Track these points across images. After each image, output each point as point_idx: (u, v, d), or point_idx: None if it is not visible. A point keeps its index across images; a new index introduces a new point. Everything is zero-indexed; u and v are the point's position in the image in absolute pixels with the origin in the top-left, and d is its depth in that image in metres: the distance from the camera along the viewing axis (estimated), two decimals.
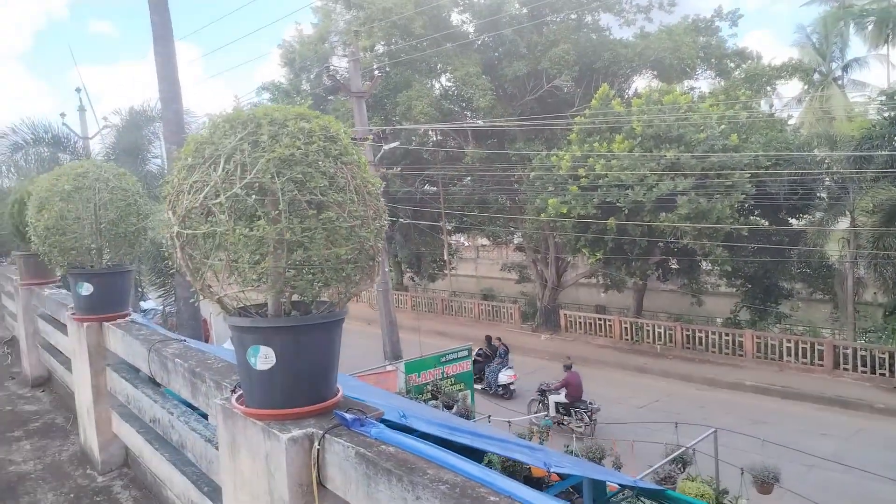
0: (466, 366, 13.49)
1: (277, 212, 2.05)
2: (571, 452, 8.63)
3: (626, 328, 24.32)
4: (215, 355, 3.33)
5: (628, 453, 11.04)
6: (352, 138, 2.39)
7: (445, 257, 31.30)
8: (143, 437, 3.95)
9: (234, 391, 2.72)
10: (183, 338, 3.83)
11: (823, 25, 45.12)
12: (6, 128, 15.38)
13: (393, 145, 17.88)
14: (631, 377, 21.23)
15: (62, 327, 5.67)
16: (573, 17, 25.14)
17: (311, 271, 2.13)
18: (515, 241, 33.01)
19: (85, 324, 4.42)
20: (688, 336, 22.54)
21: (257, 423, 2.28)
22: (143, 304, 18.96)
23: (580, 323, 25.89)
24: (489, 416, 11.41)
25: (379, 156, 15.49)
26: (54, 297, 5.88)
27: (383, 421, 2.32)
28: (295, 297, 2.29)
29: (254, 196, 2.06)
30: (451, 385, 12.55)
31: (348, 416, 2.18)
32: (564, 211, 21.24)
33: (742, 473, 9.08)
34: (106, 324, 4.40)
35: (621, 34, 25.73)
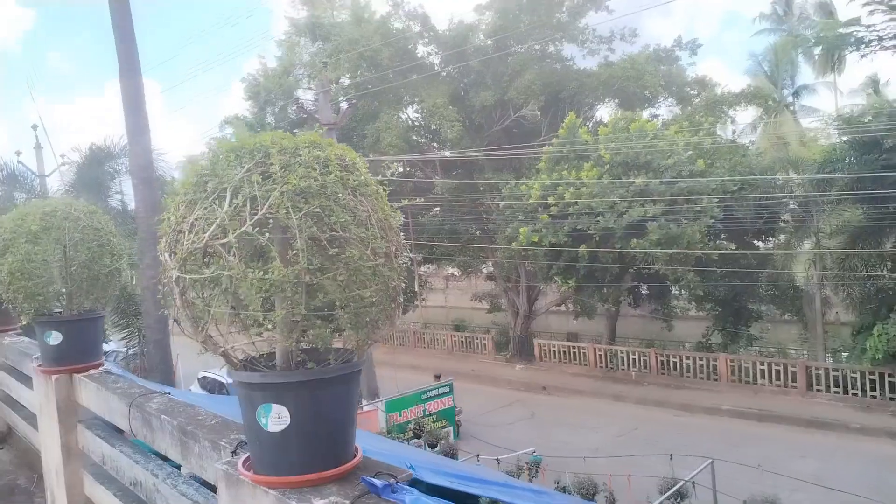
0: (448, 402, 13.15)
1: (294, 251, 1.80)
2: (563, 489, 8.35)
3: (600, 355, 24.25)
4: (205, 410, 3.02)
5: (623, 488, 10.77)
6: None
7: (416, 289, 30.97)
8: (121, 501, 3.58)
9: (234, 452, 2.42)
10: (167, 389, 3.50)
11: (775, 54, 46.81)
12: None
13: None
14: (607, 405, 21.09)
15: (25, 379, 5.24)
16: (537, 47, 25.46)
17: (332, 318, 1.89)
18: (485, 271, 32.92)
19: (53, 376, 4.04)
20: (662, 361, 22.57)
21: (270, 492, 1.99)
22: (105, 346, 18.17)
23: (554, 352, 25.76)
24: (478, 455, 11.06)
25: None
26: (16, 345, 5.45)
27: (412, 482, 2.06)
28: (303, 345, 2.03)
29: (267, 234, 1.81)
30: (434, 422, 12.20)
31: (377, 481, 1.91)
32: (536, 239, 21.21)
33: None
34: (77, 376, 4.03)
35: (585, 64, 26.07)
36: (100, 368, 4.12)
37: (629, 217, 19.12)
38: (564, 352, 25.42)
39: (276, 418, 1.96)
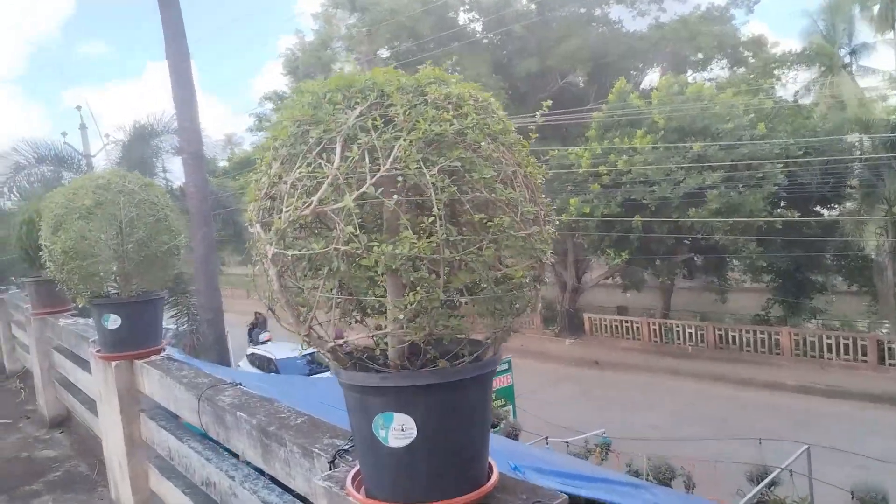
0: (507, 380, 12.72)
1: (431, 218, 1.36)
2: (636, 473, 7.90)
3: (654, 329, 23.55)
4: (287, 406, 2.64)
5: (701, 473, 10.13)
6: None
7: None
8: (192, 500, 3.26)
9: (333, 463, 2.03)
10: (236, 381, 3.14)
11: (830, 12, 44.49)
12: (8, 148, 14.80)
13: None
14: (663, 381, 20.45)
15: (82, 363, 5.00)
16: (582, 10, 24.47)
17: (475, 302, 1.45)
18: None
19: (113, 363, 3.73)
20: (720, 335, 21.77)
21: None
22: None
23: (605, 326, 25.12)
24: (546, 438, 10.61)
25: None
26: (72, 328, 5.20)
27: None
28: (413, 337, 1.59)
29: (395, 196, 1.37)
30: (494, 401, 11.80)
31: None
32: (587, 210, 20.54)
33: (853, 497, 8.17)
34: (138, 362, 3.72)
35: (634, 26, 24.97)
36: (161, 354, 3.80)
37: (686, 185, 18.29)
38: (616, 326, 24.75)
39: (400, 431, 1.54)
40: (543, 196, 1.65)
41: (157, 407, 3.71)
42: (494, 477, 1.70)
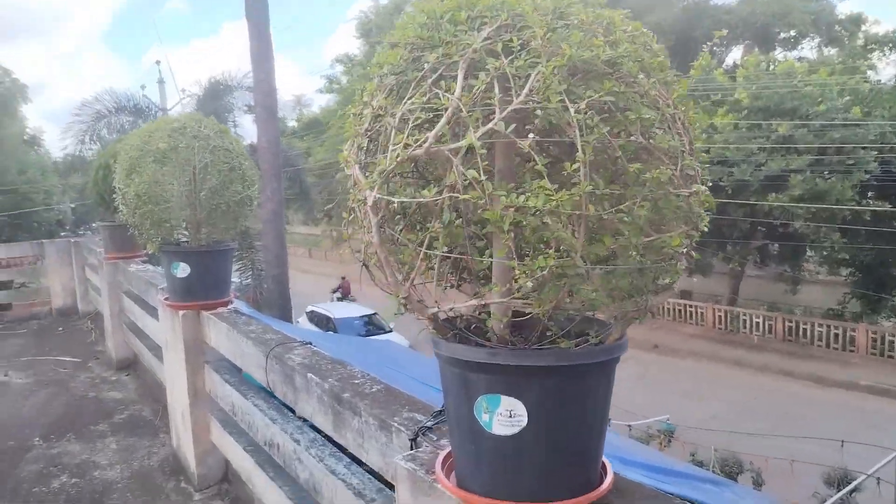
0: None
1: (575, 165, 1.10)
2: (700, 464, 7.54)
3: (719, 316, 22.70)
4: (361, 371, 2.45)
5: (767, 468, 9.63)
6: None
7: None
8: (253, 458, 3.15)
9: (415, 441, 1.82)
10: (306, 340, 2.98)
11: None
12: (90, 97, 15.19)
13: None
14: (726, 370, 19.73)
15: (151, 310, 4.98)
16: None
17: (616, 274, 1.19)
18: None
19: (180, 311, 3.64)
20: (790, 328, 20.80)
21: None
22: None
23: (668, 309, 24.35)
24: (609, 419, 10.27)
25: None
26: (142, 274, 5.19)
27: None
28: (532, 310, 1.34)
29: (531, 135, 1.12)
30: None
31: None
32: None
33: None
34: (205, 313, 3.61)
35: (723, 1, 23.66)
36: (229, 307, 3.69)
37: (769, 168, 17.32)
38: (679, 310, 23.97)
39: (507, 417, 1.31)
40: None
41: (221, 359, 3.61)
42: (609, 479, 1.45)
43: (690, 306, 23.86)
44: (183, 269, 3.58)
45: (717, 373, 19.60)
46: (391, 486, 1.93)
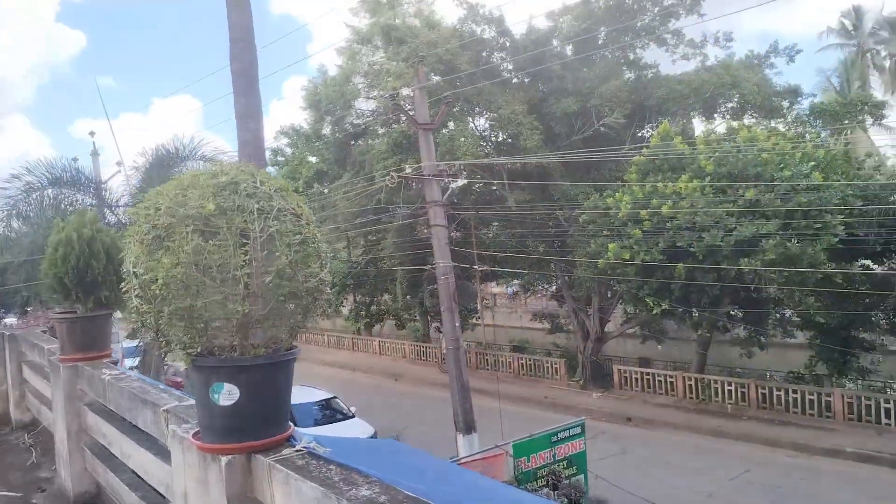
0: (580, 445, 11.28)
1: None
2: None
3: (689, 385, 22.13)
4: None
5: None
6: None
7: (479, 306, 29.24)
8: None
9: None
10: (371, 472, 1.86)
11: (845, 69, 44.63)
12: (20, 168, 13.59)
13: (459, 182, 16.10)
14: (706, 442, 18.99)
15: (138, 435, 3.68)
16: (619, 53, 23.77)
17: None
18: (552, 289, 31.06)
19: (223, 458, 2.43)
20: (763, 394, 20.39)
21: None
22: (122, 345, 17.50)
23: (636, 379, 23.70)
24: None
25: (447, 194, 13.68)
26: (126, 385, 3.87)
27: None
28: None
29: None
30: (564, 468, 10.42)
31: None
32: (627, 256, 19.36)
33: None
34: (263, 459, 2.41)
35: (672, 70, 24.22)
36: (296, 446, 2.50)
37: (740, 233, 17.16)
38: (648, 379, 23.32)
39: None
40: None
41: None
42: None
43: (659, 376, 23.28)
44: (228, 394, 2.40)
45: (698, 444, 18.84)
46: None
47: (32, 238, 13.50)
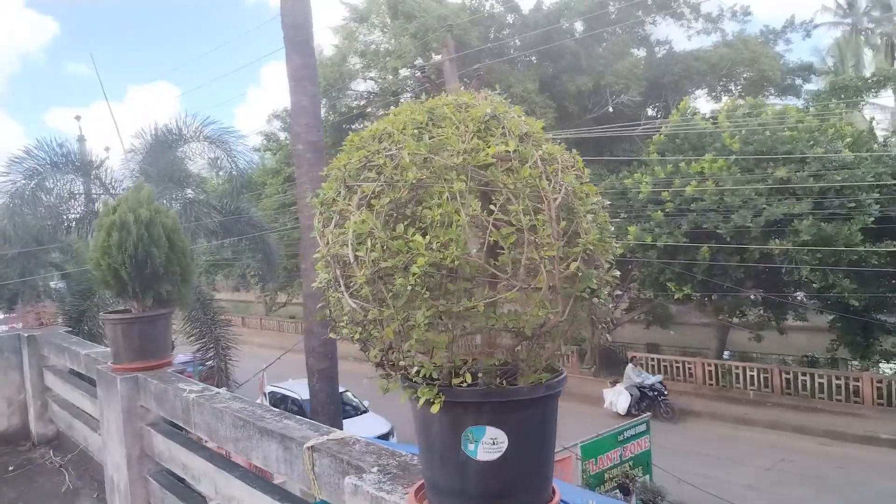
0: (645, 443, 10.57)
1: None
2: None
3: (709, 371, 21.55)
4: None
5: None
6: None
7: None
8: None
9: None
10: None
11: (839, 48, 44.30)
12: (20, 152, 12.49)
13: None
14: (734, 430, 18.41)
15: (238, 471, 2.82)
16: (634, 29, 22.95)
17: None
18: None
19: None
20: (787, 380, 19.85)
21: None
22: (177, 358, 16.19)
23: (652, 366, 23.07)
24: None
25: None
26: (223, 406, 2.99)
27: None
28: None
29: None
30: (631, 469, 9.71)
31: None
32: (649, 239, 18.64)
33: None
34: None
35: (686, 46, 23.54)
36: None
37: (771, 213, 16.50)
38: (665, 366, 22.71)
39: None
40: None
41: None
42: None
43: (677, 362, 22.67)
44: (493, 443, 1.54)
45: (724, 433, 18.25)
46: None
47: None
